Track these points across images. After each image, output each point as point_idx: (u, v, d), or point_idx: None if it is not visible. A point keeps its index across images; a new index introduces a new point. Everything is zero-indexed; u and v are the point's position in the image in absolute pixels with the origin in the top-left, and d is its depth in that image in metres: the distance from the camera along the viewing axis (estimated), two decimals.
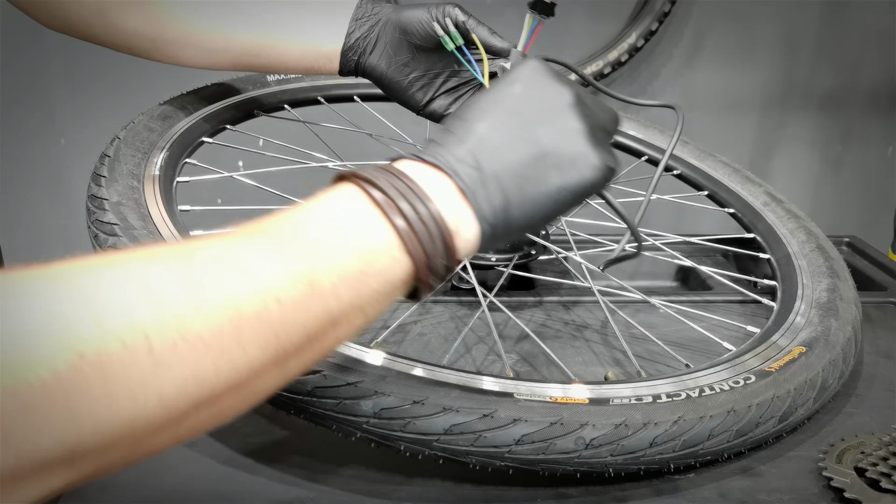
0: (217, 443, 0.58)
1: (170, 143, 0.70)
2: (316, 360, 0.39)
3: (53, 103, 1.41)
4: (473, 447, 0.50)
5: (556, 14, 0.63)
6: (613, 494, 0.54)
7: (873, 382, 0.69)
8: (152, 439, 0.33)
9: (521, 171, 0.41)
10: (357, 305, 0.38)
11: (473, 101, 0.44)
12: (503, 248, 0.48)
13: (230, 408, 0.36)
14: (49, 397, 0.29)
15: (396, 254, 0.39)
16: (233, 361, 0.34)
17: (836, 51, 1.46)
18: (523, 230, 0.43)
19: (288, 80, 0.90)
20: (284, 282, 0.35)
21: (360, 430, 0.51)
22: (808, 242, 0.81)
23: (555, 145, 0.42)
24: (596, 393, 0.54)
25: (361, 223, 0.39)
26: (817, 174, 1.57)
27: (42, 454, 0.29)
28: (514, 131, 0.42)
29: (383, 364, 0.53)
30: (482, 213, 0.41)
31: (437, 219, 0.39)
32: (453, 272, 0.43)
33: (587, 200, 0.46)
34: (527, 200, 0.42)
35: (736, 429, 0.54)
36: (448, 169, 0.41)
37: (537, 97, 0.43)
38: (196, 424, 0.35)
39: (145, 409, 0.31)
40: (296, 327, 0.36)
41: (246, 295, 0.34)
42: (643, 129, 1.00)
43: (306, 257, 0.37)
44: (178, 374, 0.32)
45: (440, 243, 0.39)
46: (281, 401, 0.51)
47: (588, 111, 0.44)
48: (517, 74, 0.45)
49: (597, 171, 0.43)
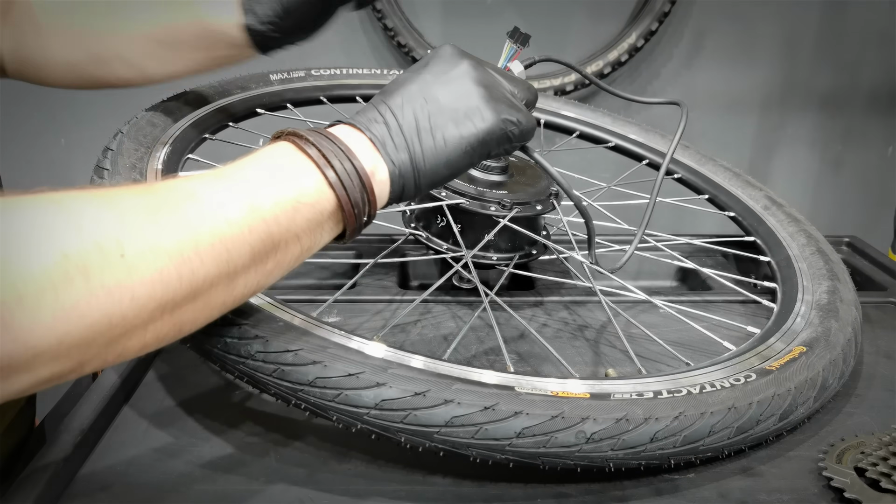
0: (217, 443, 0.58)
1: (172, 138, 0.70)
2: (260, 286, 0.47)
3: (53, 103, 1.41)
4: (474, 440, 0.50)
5: (529, 45, 0.70)
6: (613, 494, 0.54)
7: (873, 382, 0.69)
8: (124, 340, 0.39)
9: (422, 124, 0.51)
10: (293, 232, 0.46)
11: (395, 78, 0.54)
12: (415, 196, 0.53)
13: (188, 319, 0.43)
14: (41, 290, 0.35)
15: (323, 187, 0.47)
16: (192, 270, 0.41)
17: (836, 51, 1.46)
18: (433, 174, 0.52)
19: (291, 79, 0.90)
20: (231, 205, 0.43)
21: (360, 421, 0.51)
22: (808, 246, 0.81)
23: (452, 103, 0.51)
24: (597, 388, 0.54)
25: (294, 165, 0.47)
26: (817, 174, 1.57)
27: (35, 342, 0.35)
28: (418, 95, 0.52)
29: (384, 356, 0.53)
30: (390, 159, 0.50)
31: (353, 159, 0.48)
32: (374, 215, 0.51)
33: (501, 151, 0.55)
34: (428, 147, 0.51)
35: (737, 425, 0.54)
36: (362, 126, 0.50)
37: (441, 69, 0.53)
38: (160, 331, 0.41)
39: (120, 306, 0.38)
40: (243, 245, 0.43)
41: (200, 215, 0.42)
42: (644, 133, 1.00)
43: (249, 187, 0.45)
44: (147, 277, 0.39)
45: (357, 180, 0.48)
46: (282, 391, 0.51)
47: (486, 79, 0.53)
48: (430, 55, 0.55)
49: (489, 122, 0.52)
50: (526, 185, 0.76)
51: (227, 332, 0.51)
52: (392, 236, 0.93)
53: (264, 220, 0.44)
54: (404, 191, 0.52)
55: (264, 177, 0.46)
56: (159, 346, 0.43)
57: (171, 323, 0.42)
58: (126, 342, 0.40)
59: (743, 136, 1.52)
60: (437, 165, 0.51)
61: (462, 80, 0.52)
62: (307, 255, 0.49)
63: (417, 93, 0.52)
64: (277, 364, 0.51)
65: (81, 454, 0.56)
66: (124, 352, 0.40)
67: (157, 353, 0.71)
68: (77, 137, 1.44)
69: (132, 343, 0.40)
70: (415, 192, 0.52)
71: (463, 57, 0.54)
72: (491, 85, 0.53)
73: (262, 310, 0.54)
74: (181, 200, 0.42)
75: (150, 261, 0.39)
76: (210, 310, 0.45)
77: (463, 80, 0.52)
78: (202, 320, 0.45)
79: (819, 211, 1.52)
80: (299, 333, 0.52)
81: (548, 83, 1.37)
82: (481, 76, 0.53)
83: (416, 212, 0.78)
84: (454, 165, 0.52)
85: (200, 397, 0.64)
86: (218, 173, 0.46)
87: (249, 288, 0.46)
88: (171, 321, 0.41)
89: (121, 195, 0.41)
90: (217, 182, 0.45)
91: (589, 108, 1.03)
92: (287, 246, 0.46)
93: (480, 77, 0.53)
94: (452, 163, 0.52)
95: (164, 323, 0.41)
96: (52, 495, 0.51)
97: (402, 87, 0.52)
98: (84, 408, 0.59)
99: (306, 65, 0.93)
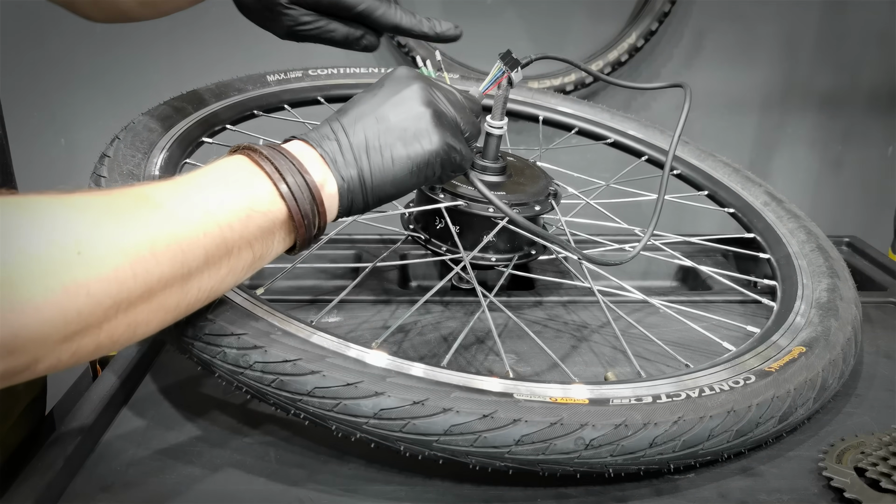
0: (217, 443, 0.58)
1: (170, 143, 0.70)
2: (213, 291, 0.48)
3: (53, 103, 1.41)
4: (473, 448, 0.50)
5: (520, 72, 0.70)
6: (613, 494, 0.54)
7: (873, 382, 0.69)
8: (79, 339, 0.40)
9: (371, 143, 0.53)
10: (246, 238, 0.48)
11: (351, 99, 0.56)
12: (364, 210, 0.55)
13: (142, 320, 0.44)
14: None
15: (275, 198, 0.49)
16: (147, 270, 0.42)
17: (836, 51, 1.46)
18: (380, 191, 0.54)
19: (288, 79, 0.90)
20: (187, 210, 0.45)
21: (359, 430, 0.51)
22: (808, 242, 0.81)
23: (401, 123, 0.53)
24: (596, 393, 0.54)
25: (249, 176, 0.49)
26: (817, 174, 1.57)
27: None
28: (369, 114, 0.54)
29: (383, 365, 0.53)
30: (339, 174, 0.52)
31: (305, 174, 0.50)
32: (324, 227, 0.53)
33: (448, 177, 0.58)
34: (376, 165, 0.53)
35: (736, 429, 0.54)
36: (314, 143, 0.52)
37: (394, 90, 0.55)
38: (114, 331, 0.42)
39: (76, 303, 0.39)
40: (198, 248, 0.45)
41: (156, 217, 0.44)
42: (643, 129, 1.00)
43: (205, 194, 0.47)
44: (103, 274, 0.40)
45: (307, 193, 0.50)
46: (281, 401, 0.52)
47: (436, 104, 0.55)
48: (384, 77, 0.57)
49: (435, 145, 0.54)
50: (524, 185, 0.76)
51: (225, 342, 0.51)
52: (392, 238, 0.93)
53: (218, 224, 0.46)
54: (353, 205, 0.53)
55: (220, 185, 0.48)
56: (113, 348, 0.44)
57: (126, 323, 0.43)
58: (81, 340, 0.40)
59: (743, 136, 1.52)
60: (383, 183, 0.53)
61: (412, 101, 0.54)
62: (260, 263, 0.51)
63: (369, 112, 0.54)
64: (276, 374, 0.51)
65: (81, 454, 0.56)
66: (79, 350, 0.41)
67: (156, 353, 0.71)
68: (77, 138, 1.44)
69: (87, 342, 0.41)
70: (363, 206, 0.54)
71: (415, 79, 0.56)
72: (440, 111, 0.55)
73: (258, 317, 0.54)
74: (139, 204, 0.44)
75: (106, 259, 0.40)
76: (164, 312, 0.46)
77: (413, 102, 0.54)
78: (156, 323, 0.45)
79: (819, 211, 1.52)
80: (297, 342, 0.52)
81: (548, 83, 1.37)
82: (431, 99, 0.55)
83: (415, 214, 0.78)
84: (400, 184, 0.54)
85: (200, 397, 0.64)
86: (175, 181, 0.48)
87: (203, 292, 0.48)
88: (125, 321, 0.42)
89: (81, 198, 0.43)
90: (174, 188, 0.47)
91: (587, 104, 1.03)
92: (240, 252, 0.48)
93: (430, 100, 0.55)
94: (399, 181, 0.54)
95: (118, 323, 0.42)
96: (52, 495, 0.51)
97: (355, 107, 0.55)
98: (84, 408, 0.59)
99: (304, 65, 0.93)
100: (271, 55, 1.38)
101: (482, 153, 0.76)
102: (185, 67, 1.38)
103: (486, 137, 0.74)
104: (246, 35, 1.36)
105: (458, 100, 0.58)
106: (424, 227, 0.77)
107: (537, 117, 1.00)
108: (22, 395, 0.65)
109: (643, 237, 0.70)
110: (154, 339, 0.70)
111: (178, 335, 0.53)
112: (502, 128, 0.73)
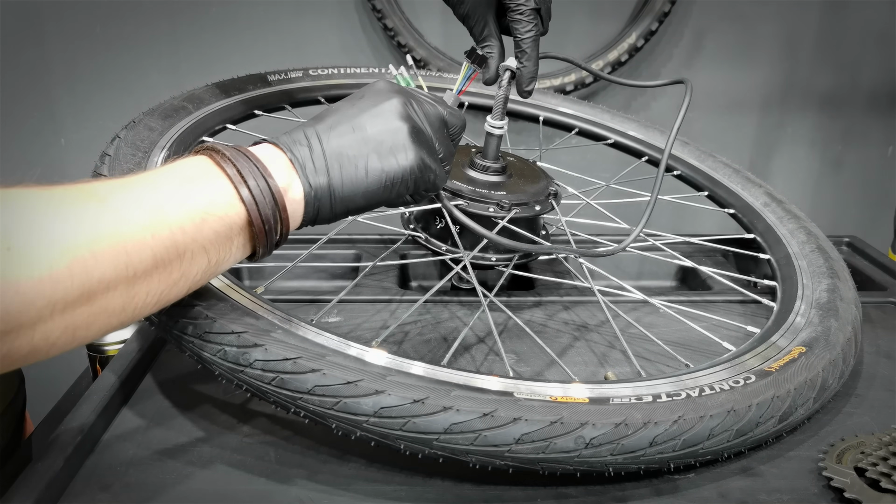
0: (217, 443, 0.58)
1: (170, 142, 0.70)
2: (163, 295, 0.46)
3: (53, 103, 1.41)
4: (473, 446, 0.50)
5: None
6: (613, 494, 0.54)
7: (873, 382, 0.69)
8: (10, 339, 0.38)
9: (345, 151, 0.52)
10: (200, 243, 0.46)
11: (328, 107, 0.55)
12: (329, 220, 0.54)
13: (82, 323, 0.41)
14: None
15: (234, 202, 0.47)
16: (86, 269, 0.40)
17: (836, 51, 1.46)
18: (349, 202, 0.52)
19: (289, 79, 0.90)
20: (135, 209, 0.43)
21: (359, 428, 0.51)
22: (808, 243, 0.81)
23: (378, 136, 0.52)
24: (596, 392, 0.54)
25: (207, 178, 0.48)
26: (817, 174, 1.57)
27: None
28: (345, 123, 0.53)
29: (383, 363, 0.53)
30: (307, 180, 0.51)
31: (269, 178, 0.49)
32: (287, 234, 0.51)
33: (424, 198, 0.58)
34: (348, 175, 0.52)
35: (736, 428, 0.54)
36: (284, 147, 0.51)
37: (373, 102, 0.54)
38: (49, 333, 0.40)
39: (3, 300, 0.36)
40: (145, 250, 0.43)
41: (99, 214, 0.41)
42: (643, 129, 1.00)
43: (156, 194, 0.45)
44: (35, 272, 0.38)
45: (269, 198, 0.48)
46: (281, 399, 0.52)
47: (414, 120, 0.54)
48: (365, 88, 0.56)
49: (411, 161, 0.53)
50: (524, 185, 0.76)
51: (225, 340, 0.51)
52: (392, 237, 0.93)
53: (169, 227, 0.44)
54: (319, 213, 0.52)
55: (174, 186, 0.46)
56: (52, 351, 0.41)
57: (63, 325, 0.40)
58: (12, 341, 0.38)
59: (743, 136, 1.52)
60: (354, 194, 0.52)
61: (390, 115, 0.53)
62: (217, 269, 0.49)
63: (346, 121, 0.53)
64: (276, 373, 0.51)
65: (81, 454, 0.56)
66: (11, 352, 0.39)
67: (156, 352, 0.71)
68: (77, 137, 1.44)
69: (19, 343, 0.39)
70: (330, 216, 0.53)
71: (396, 93, 0.55)
72: (417, 128, 0.55)
73: (259, 316, 0.54)
74: (83, 200, 0.42)
75: (39, 256, 0.38)
76: (108, 315, 0.43)
77: (391, 116, 0.53)
78: (98, 326, 0.43)
79: (819, 211, 1.52)
80: (297, 340, 0.52)
81: (548, 83, 1.37)
82: (410, 115, 0.54)
83: (415, 213, 0.78)
84: (371, 196, 0.53)
85: (200, 397, 0.64)
86: (128, 179, 0.46)
87: (153, 296, 0.45)
88: (62, 323, 0.40)
89: (21, 192, 0.40)
90: (124, 186, 0.45)
91: (588, 104, 1.03)
92: (193, 257, 0.46)
93: (409, 115, 0.54)
94: (370, 194, 0.53)
95: (54, 324, 0.40)
96: (52, 495, 0.51)
97: (331, 115, 0.54)
98: (84, 408, 0.59)
99: (305, 65, 0.93)
100: (271, 55, 1.39)
101: (482, 153, 0.76)
102: (184, 67, 1.38)
103: (486, 137, 0.74)
104: (246, 35, 1.37)
105: (436, 118, 0.57)
106: (424, 226, 0.77)
107: (537, 117, 1.00)
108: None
109: (635, 229, 0.70)
110: (154, 338, 0.70)
111: (179, 334, 0.53)
112: (502, 128, 0.74)
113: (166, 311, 0.53)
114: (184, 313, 0.53)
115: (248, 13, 1.35)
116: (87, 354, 0.84)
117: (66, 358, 0.47)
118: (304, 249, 0.78)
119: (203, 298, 0.54)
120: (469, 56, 0.71)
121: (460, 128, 0.60)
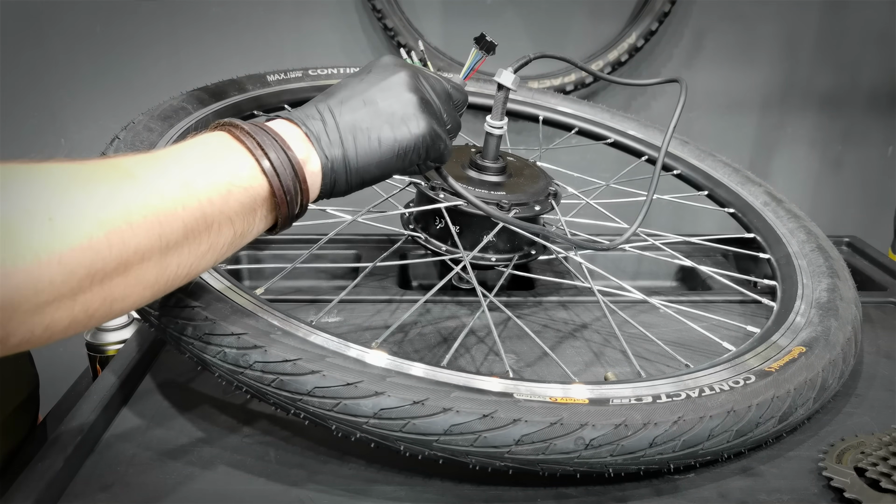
0: (217, 443, 0.58)
1: (170, 142, 0.70)
2: (192, 267, 0.47)
3: (54, 104, 1.41)
4: (473, 447, 0.50)
5: (496, 53, 0.70)
6: (613, 494, 0.54)
7: (873, 382, 0.69)
8: (51, 310, 0.39)
9: (358, 123, 0.53)
10: (226, 214, 0.47)
11: (337, 83, 0.57)
12: (345, 192, 0.55)
13: (118, 294, 0.42)
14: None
15: (257, 174, 0.49)
16: (123, 240, 0.41)
17: (836, 51, 1.46)
18: (364, 172, 0.54)
19: (288, 79, 0.90)
20: (164, 182, 0.44)
21: (359, 430, 0.51)
22: (808, 242, 0.81)
23: (389, 107, 0.54)
24: (596, 393, 0.54)
25: (229, 151, 0.49)
26: (817, 174, 1.57)
27: None
28: (357, 97, 0.54)
29: (383, 364, 0.53)
30: (324, 153, 0.52)
31: (287, 150, 0.50)
32: (307, 206, 0.52)
33: (429, 170, 0.59)
34: (362, 146, 0.53)
35: (736, 429, 0.54)
36: (298, 121, 0.53)
37: (381, 76, 0.56)
38: (89, 304, 0.41)
39: (48, 271, 0.37)
40: (176, 221, 0.44)
41: (132, 187, 0.43)
42: (643, 129, 1.00)
43: (183, 167, 0.46)
44: (76, 242, 0.38)
45: (290, 169, 0.50)
46: (281, 401, 0.52)
47: (423, 91, 0.56)
48: (371, 64, 0.58)
49: (422, 129, 0.55)
50: (524, 185, 0.76)
51: (225, 342, 0.51)
52: (392, 238, 0.93)
53: (198, 198, 0.45)
54: (335, 185, 0.54)
55: (199, 159, 0.47)
56: (89, 323, 0.42)
57: (102, 296, 0.41)
58: (54, 312, 0.39)
59: (743, 136, 1.52)
60: (369, 164, 0.54)
61: (400, 87, 0.55)
62: (241, 241, 0.50)
63: (356, 95, 0.54)
64: (276, 374, 0.51)
65: (81, 454, 0.56)
66: (52, 324, 0.39)
67: (156, 353, 0.71)
68: (77, 137, 1.44)
69: (60, 315, 0.39)
70: (346, 187, 0.54)
71: (402, 67, 0.57)
72: (426, 98, 0.56)
73: (258, 317, 0.54)
74: (115, 174, 0.43)
75: (79, 226, 0.39)
76: (142, 287, 0.44)
77: (400, 88, 0.55)
78: (134, 298, 0.44)
79: (819, 211, 1.52)
80: (297, 342, 0.52)
81: (548, 83, 1.37)
82: (418, 86, 0.56)
83: (415, 214, 0.78)
84: (385, 166, 0.55)
85: (200, 397, 0.64)
86: (153, 154, 0.47)
87: (183, 268, 0.46)
88: (100, 293, 0.41)
89: (54, 167, 0.41)
90: (151, 161, 0.46)
91: (587, 104, 1.03)
92: (220, 228, 0.47)
93: (417, 87, 0.56)
94: (384, 164, 0.54)
95: (93, 295, 0.41)
96: (52, 495, 0.51)
97: (342, 90, 0.55)
98: (84, 408, 0.59)
99: (305, 65, 0.93)
100: (271, 55, 1.39)
101: (482, 153, 0.76)
102: (185, 67, 1.38)
103: (485, 137, 0.74)
104: (246, 35, 1.37)
105: (442, 91, 0.59)
106: (424, 227, 0.77)
107: (537, 117, 1.00)
108: (11, 395, 0.65)
109: (631, 226, 0.70)
110: (154, 338, 0.70)
111: (178, 335, 0.53)
112: (502, 128, 0.74)
113: (166, 311, 0.53)
114: (183, 315, 0.53)
115: (248, 13, 1.35)
116: (87, 354, 0.84)
117: (66, 358, 0.48)
118: (304, 250, 0.78)
119: (202, 300, 0.54)
120: (478, 42, 0.71)
121: (463, 101, 0.62)
